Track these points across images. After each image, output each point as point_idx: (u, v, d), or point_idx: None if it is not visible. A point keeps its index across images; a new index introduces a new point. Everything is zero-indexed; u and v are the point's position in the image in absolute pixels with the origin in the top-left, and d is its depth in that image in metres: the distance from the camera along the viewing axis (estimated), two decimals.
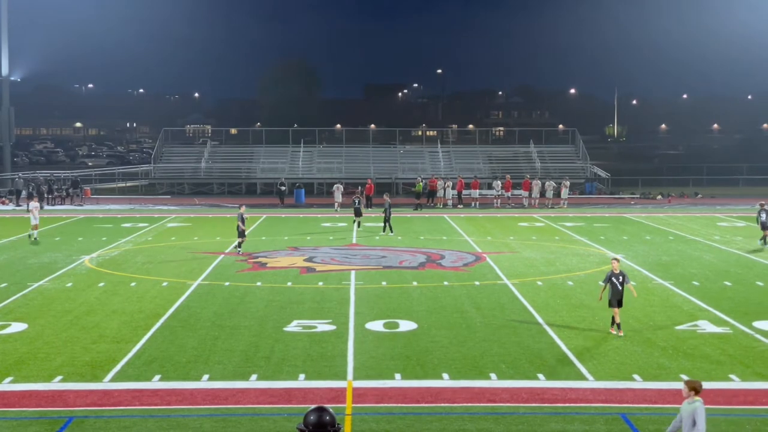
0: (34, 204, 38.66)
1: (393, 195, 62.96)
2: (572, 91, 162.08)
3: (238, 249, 33.78)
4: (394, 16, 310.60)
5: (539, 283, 27.71)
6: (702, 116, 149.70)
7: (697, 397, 12.16)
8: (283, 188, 58.78)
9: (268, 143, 74.43)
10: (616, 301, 20.58)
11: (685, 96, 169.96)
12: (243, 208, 34.68)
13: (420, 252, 34.58)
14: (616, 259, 21.51)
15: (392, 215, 41.16)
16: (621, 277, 20.64)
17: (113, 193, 67.15)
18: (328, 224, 44.91)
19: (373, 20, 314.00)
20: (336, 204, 52.79)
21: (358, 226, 42.16)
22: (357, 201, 42.59)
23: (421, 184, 56.17)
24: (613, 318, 20.89)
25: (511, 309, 23.68)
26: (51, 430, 14.63)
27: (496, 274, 29.42)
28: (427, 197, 56.94)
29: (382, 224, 40.60)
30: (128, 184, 72.27)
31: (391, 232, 39.96)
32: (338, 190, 53.49)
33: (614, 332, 20.70)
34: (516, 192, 58.22)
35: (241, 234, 33.58)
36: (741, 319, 22.51)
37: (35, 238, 37.18)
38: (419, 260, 32.34)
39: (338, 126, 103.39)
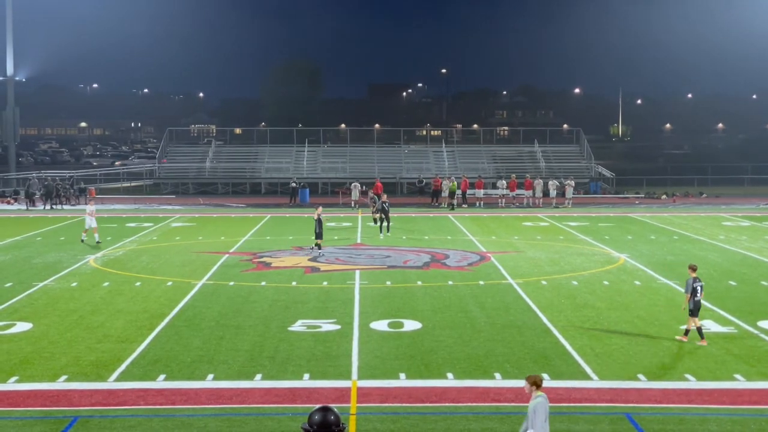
0: (92, 208, 37.19)
1: (397, 195, 63.19)
2: (576, 90, 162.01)
3: (313, 247, 33.93)
4: (398, 16, 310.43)
5: (544, 282, 27.69)
6: (707, 116, 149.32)
7: (539, 392, 11.63)
8: (294, 185, 59.25)
9: (272, 143, 74.54)
10: (698, 309, 19.81)
11: (689, 95, 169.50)
12: (320, 209, 34.79)
13: (424, 252, 34.58)
14: (693, 266, 20.19)
15: (392, 214, 40.96)
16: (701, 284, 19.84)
17: (118, 193, 67.26)
18: (332, 224, 44.88)
19: (376, 20, 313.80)
20: (353, 202, 53.65)
21: (387, 222, 41.85)
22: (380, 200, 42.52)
23: (455, 183, 55.81)
24: (697, 329, 19.91)
25: (515, 309, 23.67)
26: (56, 429, 14.64)
27: (501, 273, 29.41)
28: (432, 197, 57.00)
29: (380, 224, 40.46)
30: (133, 184, 72.32)
31: (382, 231, 39.74)
32: (355, 188, 54.30)
33: (701, 342, 19.82)
34: (520, 192, 58.21)
35: (318, 235, 33.60)
36: (746, 318, 22.49)
37: (83, 240, 36.62)
38: (423, 260, 32.34)
39: (342, 125, 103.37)
